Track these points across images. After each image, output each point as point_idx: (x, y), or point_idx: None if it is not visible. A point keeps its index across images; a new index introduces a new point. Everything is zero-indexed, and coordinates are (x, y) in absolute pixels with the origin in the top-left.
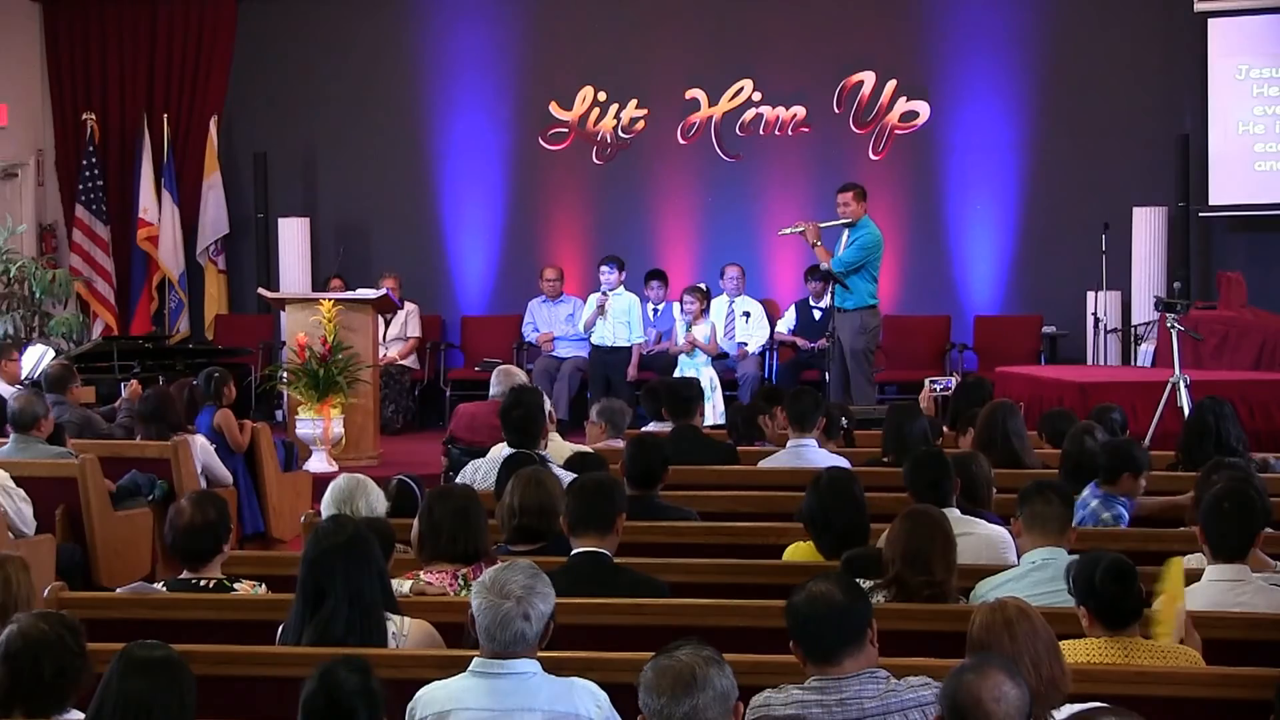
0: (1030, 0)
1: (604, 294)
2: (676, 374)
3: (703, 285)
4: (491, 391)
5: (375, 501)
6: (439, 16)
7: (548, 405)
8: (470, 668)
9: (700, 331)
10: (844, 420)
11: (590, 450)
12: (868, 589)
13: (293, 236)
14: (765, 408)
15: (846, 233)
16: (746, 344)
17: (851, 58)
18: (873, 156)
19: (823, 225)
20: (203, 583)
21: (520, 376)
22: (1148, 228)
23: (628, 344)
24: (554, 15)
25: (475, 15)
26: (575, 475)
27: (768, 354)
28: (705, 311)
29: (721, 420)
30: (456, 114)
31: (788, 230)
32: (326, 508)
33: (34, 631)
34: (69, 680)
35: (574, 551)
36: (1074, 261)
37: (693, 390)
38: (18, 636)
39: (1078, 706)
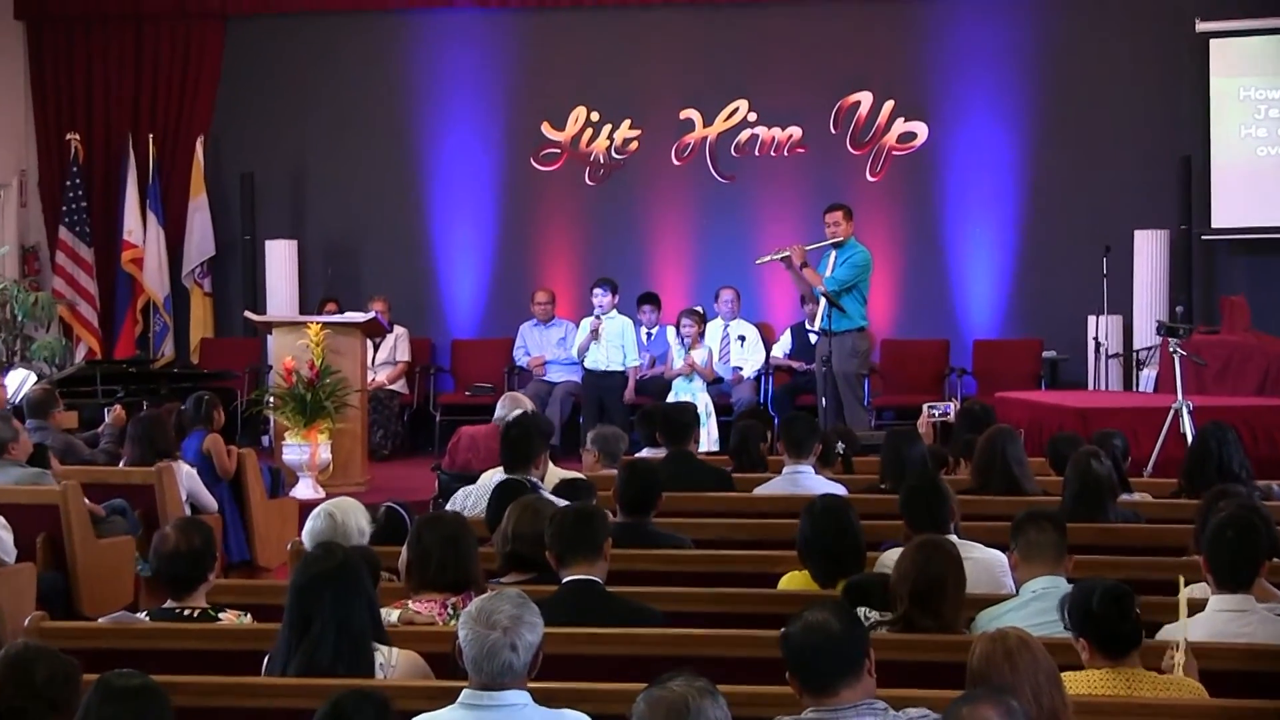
0: (1031, 20)
1: (597, 317)
2: (671, 399)
3: (699, 309)
4: (496, 415)
5: (361, 522)
6: (429, 35)
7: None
8: (460, 699)
9: (699, 355)
10: (840, 446)
11: (581, 477)
12: (871, 624)
13: (280, 259)
14: (760, 429)
15: (834, 253)
16: (742, 368)
17: (849, 77)
18: (870, 177)
19: (809, 247)
20: (187, 612)
21: (527, 405)
22: (1150, 250)
23: (621, 368)
24: (546, 34)
25: (466, 34)
26: (564, 501)
27: (763, 378)
28: (702, 335)
29: (716, 446)
30: (446, 134)
31: (767, 258)
32: (307, 539)
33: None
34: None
35: (564, 580)
36: (1075, 285)
37: (688, 415)
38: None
39: None
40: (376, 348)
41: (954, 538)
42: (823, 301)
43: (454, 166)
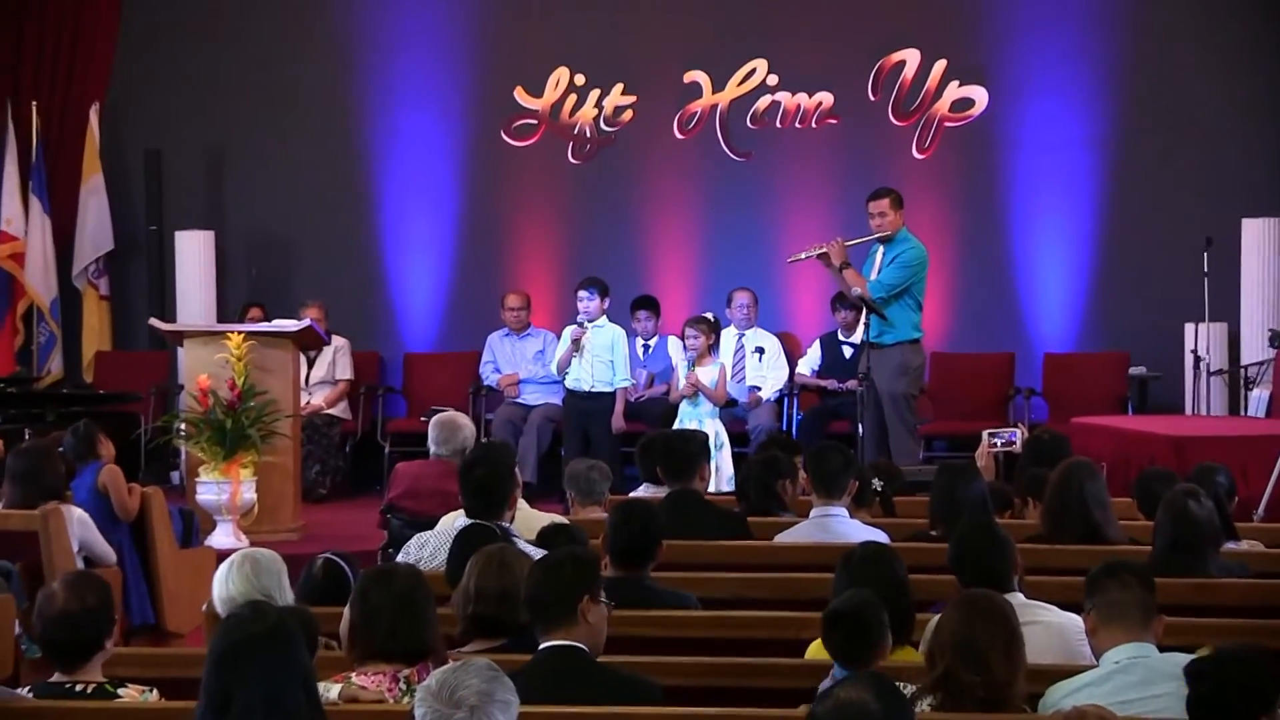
0: None
1: (581, 326)
2: (676, 425)
3: (710, 315)
4: (432, 449)
5: (282, 582)
6: None
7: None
8: None
9: (706, 374)
10: (876, 482)
11: (564, 521)
12: (913, 694)
13: (194, 254)
14: (784, 464)
15: (882, 250)
16: (760, 388)
17: (891, 32)
18: (917, 155)
19: (849, 242)
20: (79, 687)
21: (468, 428)
22: (1260, 244)
23: (610, 388)
24: None
25: None
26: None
27: (786, 400)
28: (714, 348)
29: (729, 484)
30: (398, 104)
31: (801, 256)
32: (219, 596)
33: None
34: None
35: (541, 646)
36: (1168, 286)
37: (693, 446)
38: None
39: None
40: (312, 363)
41: (1018, 596)
42: (864, 309)
43: (406, 143)
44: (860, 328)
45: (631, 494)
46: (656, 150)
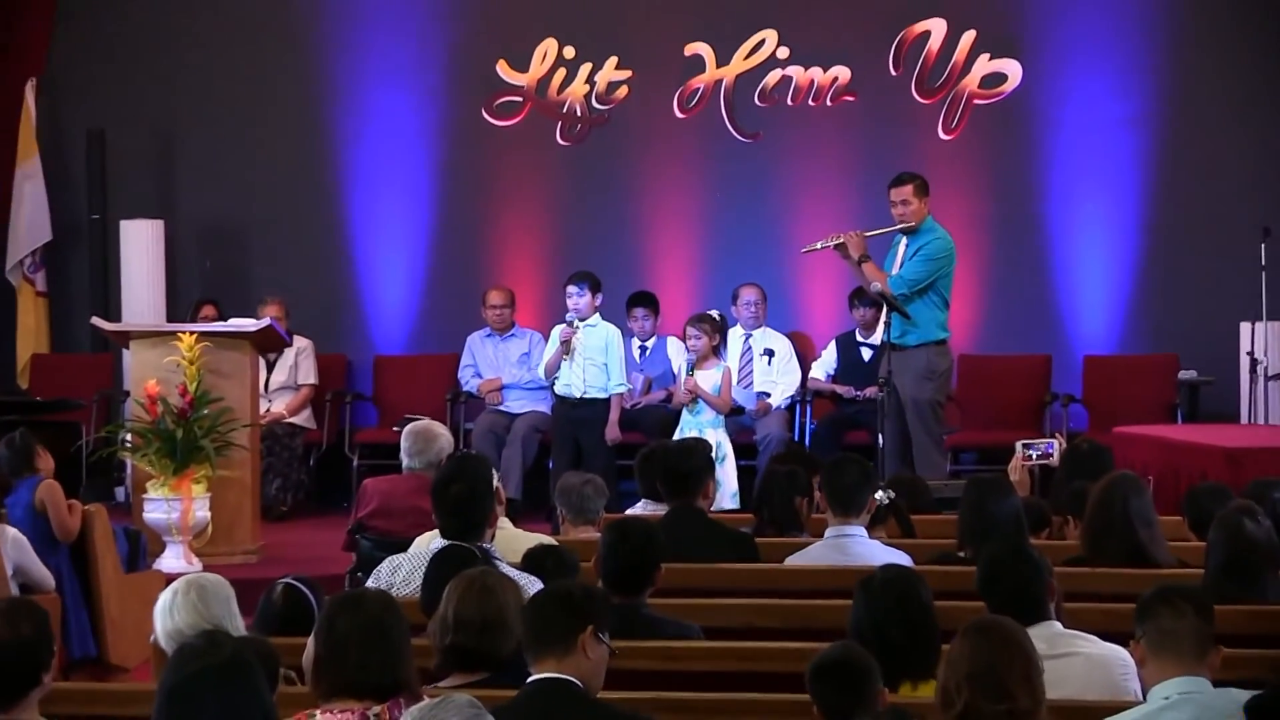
0: None
1: (571, 325)
2: (678, 435)
3: (714, 313)
4: (405, 462)
5: (231, 608)
6: None
7: (495, 480)
8: None
9: (708, 379)
10: (883, 494)
11: (553, 542)
12: None
13: (141, 246)
14: (795, 478)
15: (905, 241)
16: (769, 394)
17: (914, 1)
18: (943, 135)
19: (869, 233)
20: None
21: (445, 438)
22: None
23: (604, 394)
24: None
25: None
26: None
27: (798, 408)
28: (719, 349)
29: (736, 501)
30: (368, 80)
31: (817, 246)
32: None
33: None
34: None
35: (530, 679)
36: (1221, 281)
37: (698, 459)
38: None
39: None
40: (272, 367)
41: (1055, 625)
42: (885, 306)
43: (377, 124)
44: (880, 327)
45: (628, 511)
46: (654, 131)
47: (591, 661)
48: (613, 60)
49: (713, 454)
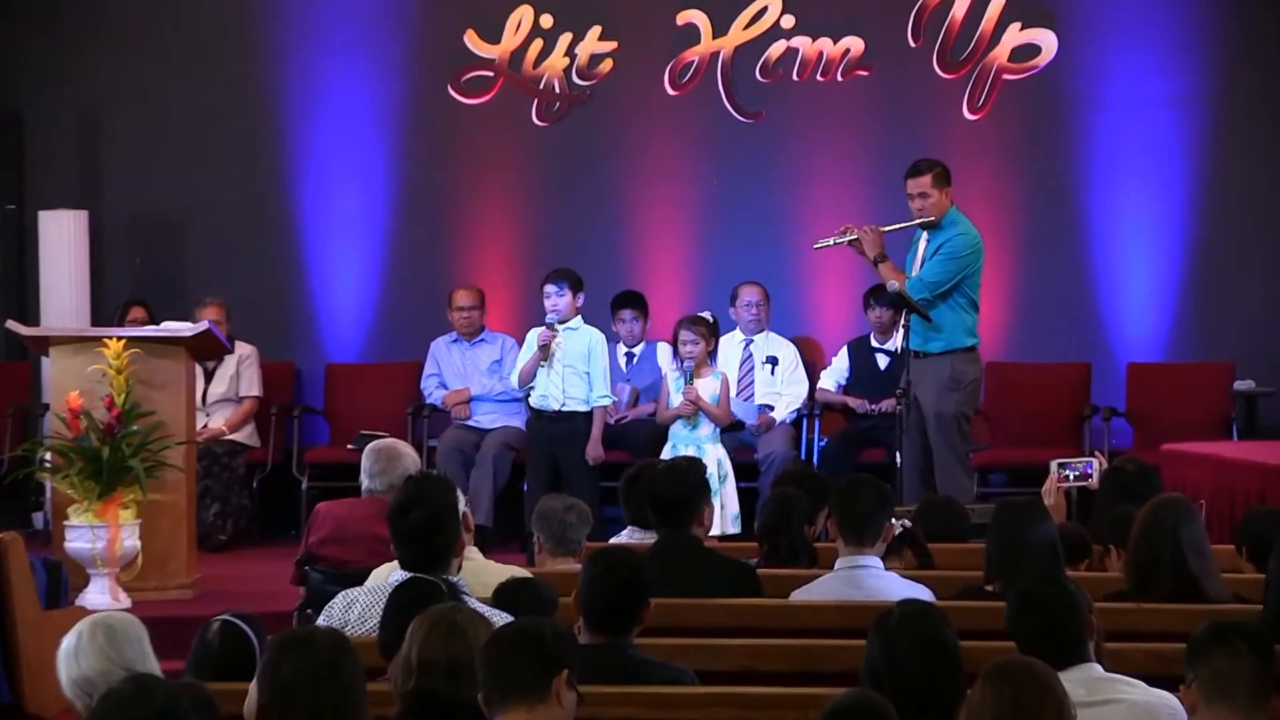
0: None
1: (551, 328)
2: (667, 454)
3: (708, 315)
4: (365, 483)
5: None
6: None
7: (463, 504)
8: None
9: (705, 388)
10: (898, 521)
11: (528, 575)
12: None
13: (62, 240)
14: (803, 501)
15: (925, 237)
16: (772, 407)
17: None
18: (969, 115)
19: (886, 229)
20: None
21: (410, 457)
22: None
23: (585, 407)
24: None
25: None
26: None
27: (805, 422)
28: (712, 356)
29: (735, 526)
30: (319, 53)
31: (829, 242)
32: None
33: None
34: None
35: None
36: None
37: (692, 481)
38: None
39: None
40: (210, 377)
41: (1095, 668)
42: (905, 308)
43: (330, 105)
44: (899, 331)
45: (612, 540)
46: (643, 110)
47: (565, 711)
48: (595, 30)
49: (710, 474)
